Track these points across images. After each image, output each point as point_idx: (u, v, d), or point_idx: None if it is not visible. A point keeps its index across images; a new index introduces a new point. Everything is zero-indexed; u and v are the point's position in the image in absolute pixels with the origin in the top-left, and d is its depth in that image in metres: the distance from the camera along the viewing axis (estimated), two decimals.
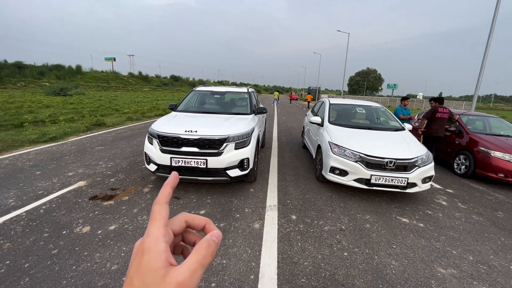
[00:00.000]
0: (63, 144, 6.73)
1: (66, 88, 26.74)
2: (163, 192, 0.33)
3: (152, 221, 0.31)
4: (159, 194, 0.33)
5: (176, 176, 0.36)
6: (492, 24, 9.77)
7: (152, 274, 0.27)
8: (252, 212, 3.47)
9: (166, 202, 0.33)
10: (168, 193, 0.34)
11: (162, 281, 0.27)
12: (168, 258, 0.29)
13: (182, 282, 0.27)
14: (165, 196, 0.33)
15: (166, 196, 0.33)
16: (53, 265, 2.30)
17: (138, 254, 0.29)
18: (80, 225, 2.95)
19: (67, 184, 4.12)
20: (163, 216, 0.32)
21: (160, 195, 0.33)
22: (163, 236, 0.30)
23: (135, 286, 0.27)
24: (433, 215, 3.73)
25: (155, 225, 0.31)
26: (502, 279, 2.45)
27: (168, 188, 0.34)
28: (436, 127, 5.95)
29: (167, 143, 3.75)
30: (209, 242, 0.31)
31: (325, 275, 2.35)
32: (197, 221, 0.36)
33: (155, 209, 0.32)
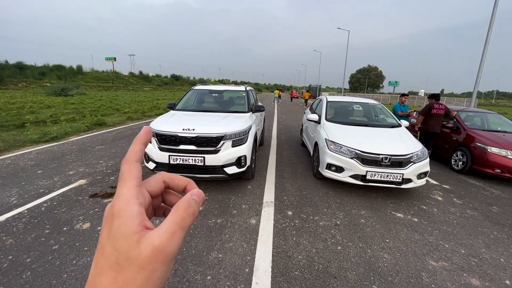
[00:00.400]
0: (64, 143, 6.81)
1: (67, 88, 26.85)
2: (133, 149, 0.30)
3: (122, 182, 0.28)
4: (129, 151, 0.29)
5: (148, 130, 0.32)
6: (491, 21, 9.75)
7: (125, 240, 0.25)
8: (249, 209, 3.53)
9: (136, 160, 0.29)
10: (139, 149, 0.30)
11: (136, 247, 0.25)
12: (143, 221, 0.26)
13: (159, 246, 0.25)
14: (135, 154, 0.29)
15: (137, 153, 0.29)
16: (54, 260, 2.38)
17: (108, 219, 0.26)
18: (81, 222, 3.03)
19: (68, 182, 4.19)
20: (134, 176, 0.28)
21: (130, 152, 0.29)
22: (135, 198, 0.27)
23: (107, 254, 0.25)
24: (428, 210, 3.78)
25: (125, 186, 0.27)
26: (492, 271, 2.50)
27: (139, 144, 0.30)
28: (432, 123, 6.01)
29: (165, 141, 3.82)
30: (189, 202, 0.28)
31: (318, 268, 2.42)
32: (177, 182, 0.33)
33: (124, 168, 0.28)
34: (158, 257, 0.25)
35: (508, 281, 2.37)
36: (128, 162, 0.29)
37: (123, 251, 0.25)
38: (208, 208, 3.49)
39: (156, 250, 0.25)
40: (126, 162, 0.29)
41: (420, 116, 6.21)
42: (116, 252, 0.25)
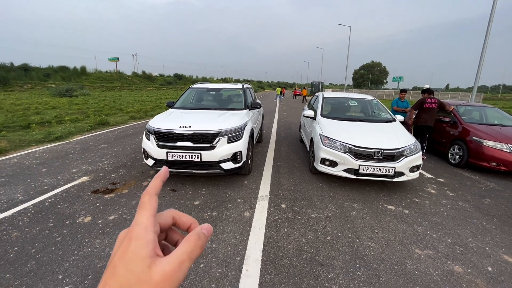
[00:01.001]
0: (68, 143, 7.00)
1: (72, 89, 27.21)
2: (154, 184, 0.33)
3: (142, 211, 0.31)
4: (149, 185, 0.33)
5: (167, 170, 0.36)
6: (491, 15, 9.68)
7: (139, 262, 0.27)
8: (244, 202, 3.65)
9: (156, 193, 0.33)
10: (158, 185, 0.34)
11: (148, 271, 0.27)
12: (155, 248, 0.29)
13: (169, 272, 0.27)
14: (155, 188, 0.33)
15: (156, 188, 0.33)
16: (57, 250, 2.53)
17: (124, 242, 0.29)
18: (82, 216, 3.18)
19: (71, 179, 4.36)
20: (152, 207, 0.31)
21: (150, 186, 0.33)
22: (152, 226, 0.30)
23: (118, 274, 0.26)
24: (419, 202, 3.85)
25: (144, 214, 0.30)
26: (476, 259, 2.58)
27: (159, 180, 0.34)
28: (425, 117, 6.09)
29: (163, 138, 3.95)
30: (199, 235, 0.31)
31: (307, 256, 2.53)
32: (183, 219, 0.36)
33: (145, 199, 0.32)
34: (166, 283, 0.27)
35: (490, 268, 2.46)
36: (149, 194, 0.32)
37: (135, 272, 0.26)
38: (204, 202, 3.62)
39: (165, 276, 0.27)
40: (148, 194, 0.32)
41: (412, 110, 6.35)
42: (129, 273, 0.26)
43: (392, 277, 2.28)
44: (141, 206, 0.31)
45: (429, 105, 6.09)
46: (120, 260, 0.27)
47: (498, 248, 2.78)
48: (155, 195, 0.33)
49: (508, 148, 5.04)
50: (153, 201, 0.32)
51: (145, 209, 0.31)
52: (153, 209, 0.31)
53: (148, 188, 0.33)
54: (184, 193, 3.91)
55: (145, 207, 0.31)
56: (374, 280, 2.24)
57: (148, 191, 0.33)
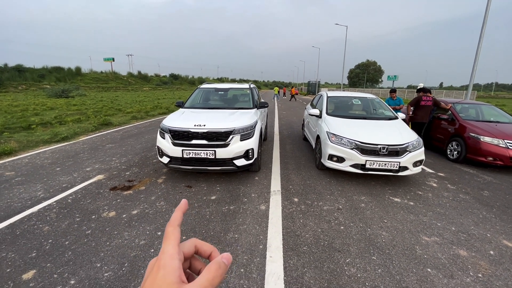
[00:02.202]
0: (75, 143, 7.10)
1: (68, 90, 27.05)
2: (175, 216, 0.37)
3: (167, 241, 0.34)
4: (172, 217, 0.36)
5: (186, 203, 0.39)
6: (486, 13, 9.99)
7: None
8: (258, 197, 3.83)
9: (178, 225, 0.36)
10: (179, 217, 0.37)
11: None
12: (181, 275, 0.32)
13: None
14: (177, 220, 0.36)
15: (178, 220, 0.36)
16: (90, 242, 2.68)
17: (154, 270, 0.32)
18: (106, 211, 3.33)
19: (87, 178, 4.49)
20: (176, 237, 0.34)
21: (173, 218, 0.36)
22: (177, 255, 0.33)
23: None
24: (423, 195, 4.08)
25: (170, 244, 0.33)
26: (479, 244, 2.80)
27: (180, 212, 0.37)
28: (421, 114, 6.59)
29: (178, 136, 4.10)
30: (220, 264, 0.33)
31: (324, 243, 2.72)
32: (205, 248, 0.39)
33: (169, 230, 0.35)
34: None
35: (492, 252, 2.68)
36: (173, 226, 0.35)
37: None
38: (220, 197, 3.79)
39: None
40: (171, 225, 0.36)
41: (409, 107, 6.80)
42: None
43: (404, 260, 2.48)
44: (166, 237, 0.34)
45: (425, 103, 6.56)
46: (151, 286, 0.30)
47: (498, 235, 3.01)
48: (177, 226, 0.36)
49: (504, 144, 5.31)
50: (176, 232, 0.35)
51: (170, 239, 0.34)
52: (177, 239, 0.34)
53: (171, 220, 0.36)
54: (200, 189, 4.07)
55: (170, 237, 0.34)
56: (388, 263, 2.44)
57: (171, 223, 0.36)
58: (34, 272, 2.26)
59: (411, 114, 6.76)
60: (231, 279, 2.21)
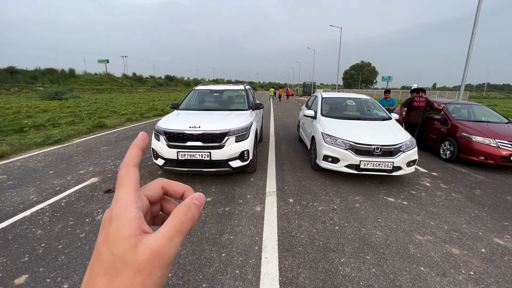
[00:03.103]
0: (68, 145, 7.02)
1: (61, 92, 26.71)
2: (130, 154, 0.30)
3: (120, 186, 0.28)
4: (126, 156, 0.30)
5: (145, 136, 0.32)
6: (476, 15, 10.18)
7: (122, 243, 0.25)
8: (254, 198, 3.84)
9: (134, 164, 0.29)
10: (136, 154, 0.30)
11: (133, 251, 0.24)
12: (141, 225, 0.26)
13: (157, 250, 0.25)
14: (132, 158, 0.30)
15: (134, 158, 0.30)
16: (84, 245, 2.66)
17: (106, 222, 0.27)
18: (101, 214, 3.30)
19: (80, 180, 4.44)
20: (131, 180, 0.28)
21: (127, 157, 0.30)
22: (133, 202, 0.27)
23: (103, 258, 0.25)
24: (416, 194, 4.13)
25: (123, 189, 0.28)
26: (470, 242, 2.85)
27: (136, 149, 0.31)
28: (414, 115, 6.69)
29: (173, 138, 4.09)
30: (189, 206, 0.28)
31: (319, 244, 2.74)
32: (175, 188, 0.34)
33: (122, 173, 0.29)
34: (156, 262, 0.25)
35: (483, 250, 2.73)
36: (126, 167, 0.29)
37: (119, 254, 0.24)
38: (216, 199, 3.79)
39: (153, 254, 0.25)
40: (124, 166, 0.29)
41: (402, 108, 6.89)
42: (112, 255, 0.25)
43: (398, 259, 2.51)
44: (119, 182, 0.28)
45: (418, 104, 6.67)
46: (103, 242, 0.26)
47: (489, 233, 3.06)
48: (133, 167, 0.29)
49: (495, 143, 5.40)
50: (132, 174, 0.29)
51: (123, 183, 0.28)
52: (132, 182, 0.28)
53: (125, 160, 0.30)
54: (195, 191, 4.03)
55: (123, 182, 0.28)
56: (382, 262, 2.47)
57: (125, 163, 0.29)
58: (26, 276, 2.23)
59: (404, 115, 6.87)
60: (226, 281, 2.21)
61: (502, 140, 5.40)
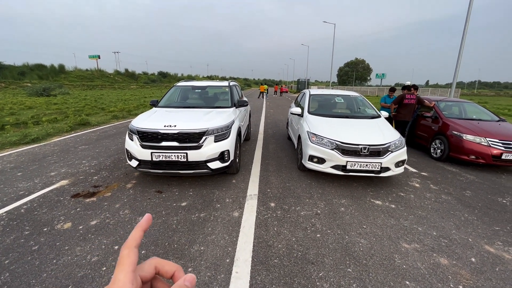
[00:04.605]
0: (45, 144, 6.66)
1: (50, 88, 25.96)
2: (134, 236, 0.32)
3: (120, 267, 0.30)
4: (129, 237, 0.32)
5: (149, 218, 0.35)
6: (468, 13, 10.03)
7: None
8: (233, 202, 3.59)
9: (135, 246, 0.32)
10: (138, 236, 0.33)
11: None
12: None
13: None
14: (135, 240, 0.32)
15: (136, 240, 0.32)
16: (34, 260, 2.37)
17: None
18: (62, 222, 3.01)
19: (49, 183, 4.13)
20: (131, 261, 0.30)
21: (130, 238, 0.32)
22: (130, 283, 0.29)
23: None
24: (405, 196, 3.94)
25: (123, 270, 0.29)
26: (460, 250, 2.65)
27: (139, 231, 0.33)
28: (404, 112, 6.56)
29: (147, 138, 3.81)
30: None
31: (297, 255, 2.51)
32: (166, 268, 0.35)
33: (124, 253, 0.31)
34: None
35: (473, 259, 2.53)
36: (128, 248, 0.31)
37: None
38: (191, 203, 3.53)
39: None
40: (127, 247, 0.31)
41: (392, 105, 6.77)
42: None
43: (381, 273, 2.30)
44: (119, 262, 0.30)
45: (408, 101, 6.55)
46: None
47: (480, 239, 2.88)
48: (134, 248, 0.32)
49: (486, 142, 5.25)
50: (132, 255, 0.31)
51: (123, 264, 0.30)
52: (131, 264, 0.30)
53: (128, 241, 0.32)
54: (170, 195, 3.79)
55: (123, 262, 0.30)
56: (364, 276, 2.25)
57: (127, 244, 0.31)
58: None
59: (394, 112, 6.71)
60: None
61: (493, 139, 5.25)
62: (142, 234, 0.33)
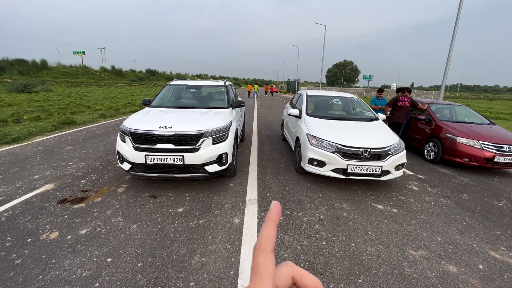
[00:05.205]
0: (27, 145, 6.26)
1: (31, 84, 24.78)
2: (268, 235, 0.27)
3: (257, 275, 0.25)
4: (262, 237, 0.26)
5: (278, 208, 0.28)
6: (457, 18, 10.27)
7: None
8: (232, 207, 3.44)
9: (272, 249, 0.26)
10: (273, 234, 0.27)
11: None
12: None
13: None
14: (270, 240, 0.26)
15: (272, 240, 0.27)
16: (16, 276, 2.14)
17: None
18: (48, 231, 2.77)
19: (32, 188, 3.84)
20: (269, 269, 0.25)
21: (264, 238, 0.26)
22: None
23: None
24: (405, 200, 3.91)
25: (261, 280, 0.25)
26: (467, 257, 2.62)
27: (273, 227, 0.27)
28: (398, 114, 6.60)
29: (141, 140, 3.59)
30: None
31: (304, 265, 2.39)
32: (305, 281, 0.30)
33: (260, 260, 0.26)
34: None
35: (481, 266, 2.50)
36: (265, 252, 0.26)
37: None
38: (189, 209, 3.35)
39: None
40: (262, 251, 0.26)
41: (387, 107, 6.80)
42: None
43: (393, 283, 2.22)
44: (256, 270, 0.26)
45: (403, 103, 6.59)
46: None
47: (484, 244, 2.86)
48: (270, 252, 0.26)
49: (479, 145, 5.33)
50: (270, 262, 0.26)
51: (260, 273, 0.25)
52: (270, 272, 0.26)
53: (262, 242, 0.26)
54: (166, 200, 3.60)
55: (261, 272, 0.25)
56: (376, 287, 2.16)
57: (262, 248, 0.26)
58: None
59: (389, 114, 6.74)
60: None
61: (485, 142, 5.34)
62: (276, 231, 0.27)
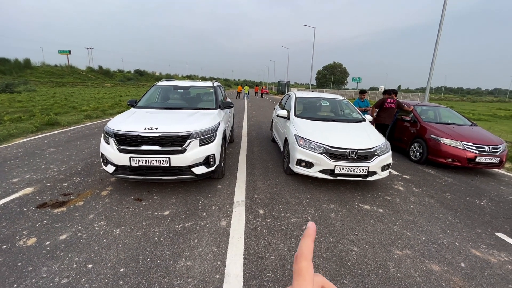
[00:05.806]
0: (7, 147, 6.01)
1: (13, 84, 23.99)
2: (307, 247, 0.31)
3: (300, 278, 0.29)
4: (303, 247, 0.31)
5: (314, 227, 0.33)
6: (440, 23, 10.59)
7: None
8: (219, 210, 3.40)
9: (311, 259, 0.31)
10: (312, 248, 0.32)
11: None
12: None
13: None
14: (310, 251, 0.31)
15: (311, 251, 0.32)
16: None
17: None
18: (24, 237, 2.65)
19: (10, 192, 3.68)
20: (311, 275, 0.30)
21: (305, 249, 0.31)
22: None
23: None
24: (391, 200, 3.97)
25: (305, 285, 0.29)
26: (449, 255, 2.68)
27: (311, 242, 0.32)
28: (385, 116, 6.71)
29: (125, 142, 3.50)
30: None
31: (291, 267, 2.38)
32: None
33: (304, 265, 0.30)
34: None
35: (463, 264, 2.56)
36: (307, 260, 0.30)
37: None
38: (175, 212, 3.28)
39: None
40: (305, 259, 0.30)
41: (373, 109, 6.89)
42: None
43: (378, 283, 2.23)
44: (300, 273, 0.30)
45: (389, 105, 6.71)
46: None
47: (466, 243, 2.93)
48: (311, 261, 0.31)
49: (461, 145, 5.49)
50: (311, 268, 0.30)
51: (303, 276, 0.30)
52: (311, 277, 0.30)
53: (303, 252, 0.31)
54: (151, 202, 3.52)
55: (303, 275, 0.30)
56: None
57: (305, 256, 0.31)
58: None
59: (375, 116, 6.85)
60: None
61: (468, 142, 5.50)
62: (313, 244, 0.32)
